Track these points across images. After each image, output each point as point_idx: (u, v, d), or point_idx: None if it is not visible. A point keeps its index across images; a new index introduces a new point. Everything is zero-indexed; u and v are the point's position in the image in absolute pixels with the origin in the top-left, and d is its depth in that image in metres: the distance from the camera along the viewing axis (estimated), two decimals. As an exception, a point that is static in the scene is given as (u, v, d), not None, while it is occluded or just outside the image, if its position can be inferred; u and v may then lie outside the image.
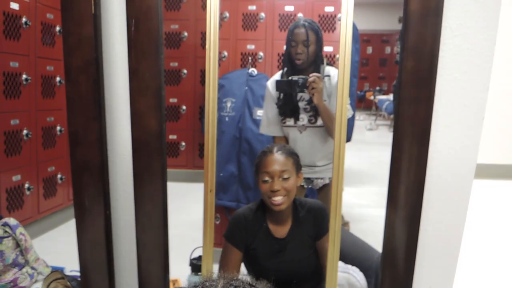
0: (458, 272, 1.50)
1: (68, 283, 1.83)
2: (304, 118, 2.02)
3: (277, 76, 2.07)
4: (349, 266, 2.06)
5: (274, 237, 1.62)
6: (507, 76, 3.93)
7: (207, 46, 1.37)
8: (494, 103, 1.37)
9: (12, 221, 2.11)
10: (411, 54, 1.24)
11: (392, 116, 5.71)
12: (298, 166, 1.61)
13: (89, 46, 1.27)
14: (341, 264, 2.07)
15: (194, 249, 1.78)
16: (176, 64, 3.89)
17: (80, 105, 1.31)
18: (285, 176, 1.53)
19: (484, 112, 1.34)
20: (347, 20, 1.33)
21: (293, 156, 1.61)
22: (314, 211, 1.65)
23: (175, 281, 2.10)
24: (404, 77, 1.26)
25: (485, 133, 1.46)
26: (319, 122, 2.01)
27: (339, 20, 2.35)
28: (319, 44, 1.98)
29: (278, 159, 1.55)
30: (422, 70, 1.25)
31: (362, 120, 6.28)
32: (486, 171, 3.94)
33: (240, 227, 1.60)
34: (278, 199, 1.53)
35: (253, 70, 2.45)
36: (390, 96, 5.59)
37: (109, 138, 1.44)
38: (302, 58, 1.95)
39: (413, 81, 1.26)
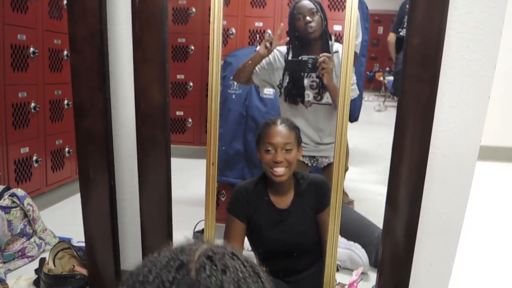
0: (459, 251, 1.51)
1: (75, 253, 1.86)
2: (309, 94, 2.01)
3: (283, 49, 2.03)
4: (352, 243, 2.08)
5: (276, 208, 1.64)
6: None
7: (211, 20, 1.36)
8: (500, 83, 1.36)
9: (19, 191, 2.14)
10: (417, 31, 1.23)
11: (401, 97, 5.63)
12: (299, 140, 1.64)
13: (93, 17, 1.27)
14: (343, 240, 2.09)
15: (198, 222, 1.81)
16: (183, 40, 3.87)
17: (85, 76, 1.32)
18: (288, 147, 1.56)
19: (490, 91, 1.33)
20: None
21: (295, 129, 1.63)
22: (315, 184, 1.67)
23: (179, 254, 2.14)
24: (409, 55, 1.25)
25: (490, 114, 1.44)
26: (325, 99, 2.00)
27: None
28: (324, 15, 1.95)
29: (282, 131, 1.57)
30: (428, 48, 1.24)
31: (371, 101, 6.24)
32: (491, 153, 3.91)
33: (241, 199, 1.63)
34: (280, 170, 1.55)
35: (261, 48, 2.43)
36: (400, 77, 5.52)
37: (114, 109, 1.45)
38: (314, 26, 1.92)
39: (418, 58, 1.25)
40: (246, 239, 1.70)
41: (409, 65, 1.27)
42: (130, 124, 1.44)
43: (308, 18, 1.91)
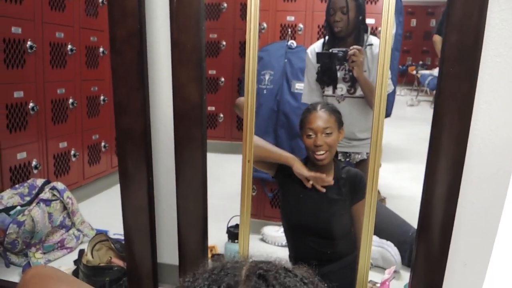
0: (495, 252, 1.49)
1: (112, 245, 1.92)
2: (343, 88, 2.00)
3: (318, 44, 2.04)
4: (384, 241, 2.07)
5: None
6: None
7: (247, 18, 1.38)
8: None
9: (59, 185, 2.22)
10: (455, 28, 1.21)
11: (434, 91, 5.50)
12: (340, 123, 1.70)
13: (133, 18, 1.31)
14: (376, 238, 2.08)
15: (232, 218, 1.83)
16: (215, 35, 3.89)
17: (124, 76, 1.36)
18: (328, 131, 1.63)
19: (529, 89, 1.30)
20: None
21: (335, 113, 1.69)
22: (352, 174, 1.73)
23: (212, 248, 2.17)
24: (447, 52, 1.23)
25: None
26: (358, 92, 1.99)
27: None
28: (360, 10, 1.93)
29: (321, 116, 1.65)
30: (466, 45, 1.22)
31: (403, 96, 6.12)
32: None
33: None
34: (321, 153, 1.63)
35: (293, 42, 2.42)
36: (434, 71, 5.41)
37: (152, 108, 1.49)
38: (340, 26, 1.92)
39: (456, 56, 1.23)
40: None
41: (447, 62, 1.25)
42: (167, 122, 1.48)
43: (337, 17, 1.91)
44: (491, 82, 1.30)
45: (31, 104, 2.28)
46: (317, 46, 2.02)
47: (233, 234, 1.76)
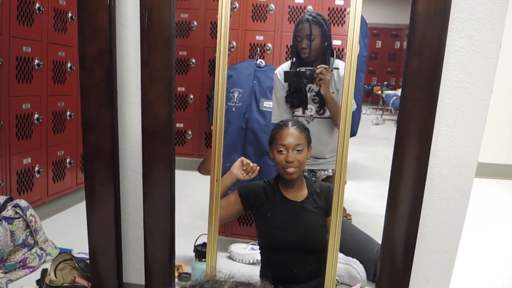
0: (456, 269, 1.53)
1: (76, 264, 1.88)
2: (312, 108, 2.05)
3: (286, 65, 2.09)
4: (350, 258, 2.09)
5: (288, 199, 1.73)
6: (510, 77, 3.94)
7: (218, 37, 1.40)
8: (495, 103, 1.39)
9: (23, 202, 2.16)
10: (416, 55, 1.27)
11: (398, 111, 5.66)
12: (309, 140, 1.74)
13: (103, 36, 1.31)
14: (342, 256, 2.10)
15: (199, 236, 1.82)
16: (185, 53, 3.89)
17: (93, 93, 1.35)
18: (299, 148, 1.66)
19: (487, 113, 1.37)
20: (356, 14, 1.35)
21: (305, 131, 1.73)
22: (325, 188, 1.76)
23: (179, 267, 2.15)
24: (408, 77, 1.28)
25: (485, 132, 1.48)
26: (327, 113, 2.04)
27: (349, 13, 2.36)
28: (325, 37, 2.00)
29: (293, 133, 1.68)
30: (427, 71, 1.28)
31: (369, 114, 6.25)
32: (485, 170, 3.95)
33: (257, 190, 1.74)
34: (291, 170, 1.65)
35: (261, 61, 2.46)
36: (398, 91, 5.56)
37: (120, 126, 1.49)
38: (307, 52, 1.98)
39: (417, 81, 1.28)
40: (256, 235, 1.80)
41: (408, 86, 1.31)
42: (136, 140, 1.47)
43: (303, 43, 1.97)
44: (451, 106, 1.36)
45: (-6, 119, 2.23)
46: (285, 67, 2.07)
47: (200, 252, 1.75)
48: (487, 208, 3.39)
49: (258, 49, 2.61)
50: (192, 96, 3.99)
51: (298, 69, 1.94)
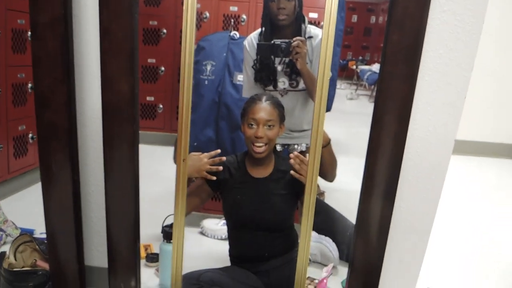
0: (429, 249, 1.52)
1: (37, 246, 1.79)
2: (285, 81, 1.97)
3: (255, 34, 1.97)
4: (323, 237, 2.07)
5: (251, 176, 1.68)
6: (491, 55, 3.94)
7: (184, 8, 1.29)
8: (475, 81, 1.36)
9: (-21, 180, 2.04)
10: (397, 28, 1.20)
11: (373, 86, 5.71)
12: (282, 118, 1.68)
13: (57, 1, 1.19)
14: (314, 234, 2.08)
15: (167, 217, 1.75)
16: (155, 23, 3.75)
17: (47, 65, 1.23)
18: (270, 124, 1.60)
19: (467, 91, 1.32)
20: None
21: (279, 107, 1.66)
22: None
23: (148, 246, 2.09)
24: (388, 52, 1.21)
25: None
26: (301, 85, 1.96)
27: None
28: (300, 1, 1.89)
29: (265, 108, 1.61)
30: (407, 45, 1.21)
31: (344, 89, 6.25)
32: (461, 147, 3.99)
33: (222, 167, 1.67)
34: (260, 145, 1.60)
35: (235, 33, 2.37)
36: (373, 67, 5.55)
37: (79, 101, 1.38)
38: (286, 14, 1.86)
39: (397, 56, 1.22)
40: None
41: (387, 62, 1.24)
42: (96, 117, 1.37)
43: (281, 3, 1.85)
44: (430, 83, 1.30)
45: None
46: (254, 37, 1.96)
47: (168, 234, 1.68)
48: (461, 186, 3.42)
49: (232, 20, 2.52)
50: (163, 68, 3.87)
51: (272, 42, 1.83)
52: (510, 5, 3.90)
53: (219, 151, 1.67)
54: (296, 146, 2.10)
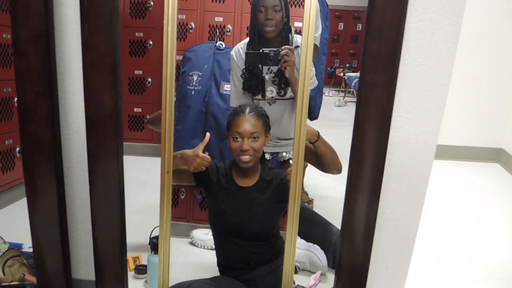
0: (415, 254, 1.53)
1: (25, 261, 1.78)
2: (273, 90, 1.98)
3: (242, 45, 1.99)
4: (311, 244, 2.08)
5: (237, 185, 1.69)
6: (473, 59, 3.99)
7: (165, 13, 1.29)
8: (453, 85, 1.37)
9: (-35, 195, 2.03)
10: (375, 37, 1.22)
11: (361, 93, 5.72)
12: (267, 128, 1.68)
13: (39, 17, 1.19)
14: (303, 242, 2.09)
15: (154, 228, 1.75)
16: (141, 34, 3.76)
17: (29, 80, 1.24)
18: (255, 136, 1.61)
19: (446, 98, 1.34)
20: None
21: (263, 118, 1.66)
22: (278, 175, 1.71)
23: (136, 258, 2.08)
24: (367, 61, 1.24)
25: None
26: (289, 94, 1.97)
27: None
28: (287, 12, 1.91)
29: (249, 120, 1.62)
30: (386, 54, 1.23)
31: (331, 97, 6.28)
32: (443, 152, 4.02)
33: (210, 170, 1.69)
34: (246, 157, 1.61)
35: (221, 44, 2.38)
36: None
37: (63, 114, 1.38)
38: (273, 25, 1.88)
39: (376, 65, 1.24)
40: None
41: (367, 71, 1.26)
42: (80, 130, 1.38)
43: (269, 15, 1.86)
44: (410, 91, 1.32)
45: None
46: (241, 47, 1.97)
47: (155, 245, 1.68)
48: (445, 190, 3.45)
49: (218, 30, 2.53)
50: (150, 80, 3.88)
51: (261, 50, 1.85)
52: (489, 10, 3.97)
53: (208, 134, 1.69)
54: (284, 154, 2.11)
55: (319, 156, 1.74)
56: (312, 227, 2.17)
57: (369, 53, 1.24)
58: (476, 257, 2.38)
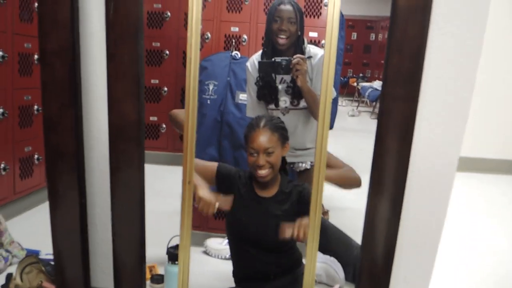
0: (436, 268, 1.51)
1: (43, 268, 1.79)
2: (286, 100, 1.99)
3: (257, 55, 2.02)
4: (328, 257, 2.06)
5: (257, 195, 1.69)
6: (492, 73, 3.96)
7: (188, 28, 1.31)
8: (476, 97, 1.37)
9: (-15, 202, 2.06)
10: (397, 51, 1.22)
11: (374, 103, 5.75)
12: (284, 139, 1.67)
13: (65, 30, 1.22)
14: (320, 255, 2.07)
15: (172, 238, 1.75)
16: (158, 44, 3.81)
17: (55, 91, 1.26)
18: (270, 151, 1.60)
19: (469, 110, 1.33)
20: (335, 6, 1.27)
21: (279, 130, 1.64)
22: (297, 188, 1.71)
23: (152, 267, 2.08)
24: (389, 74, 1.23)
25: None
26: (302, 104, 1.98)
27: (325, 5, 2.31)
28: (302, 24, 1.93)
29: (264, 134, 1.60)
30: (408, 68, 1.23)
31: (345, 106, 6.29)
32: (465, 164, 3.98)
33: (232, 178, 1.70)
34: (262, 172, 1.60)
35: (237, 53, 2.40)
36: (374, 84, 5.59)
37: (86, 124, 1.40)
38: (286, 36, 1.90)
39: (398, 78, 1.24)
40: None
41: (389, 84, 1.26)
42: (102, 140, 1.39)
43: (283, 26, 1.88)
44: (432, 104, 1.32)
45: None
46: (255, 59, 2.00)
47: (173, 255, 1.69)
48: (468, 203, 3.41)
49: (233, 40, 2.54)
50: (166, 89, 3.92)
51: (273, 59, 1.86)
52: (494, 23, 3.95)
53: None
54: (300, 164, 2.11)
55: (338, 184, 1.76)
56: (330, 240, 2.15)
57: (390, 67, 1.24)
58: (497, 273, 2.34)
